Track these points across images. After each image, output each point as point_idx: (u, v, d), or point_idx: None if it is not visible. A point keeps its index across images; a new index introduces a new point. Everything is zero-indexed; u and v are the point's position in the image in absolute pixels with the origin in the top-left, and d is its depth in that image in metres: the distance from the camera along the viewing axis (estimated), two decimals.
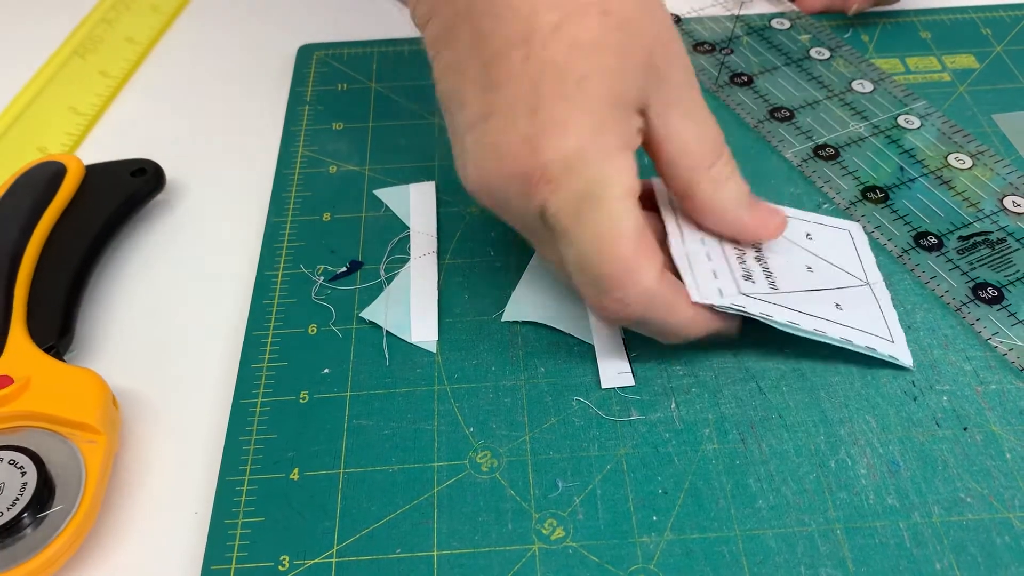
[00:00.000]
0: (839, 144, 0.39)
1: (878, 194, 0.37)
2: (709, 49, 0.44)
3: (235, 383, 0.32)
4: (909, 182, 0.37)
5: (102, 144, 0.43)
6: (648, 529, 0.28)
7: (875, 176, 0.37)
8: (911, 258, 0.34)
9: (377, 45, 0.46)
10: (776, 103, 0.41)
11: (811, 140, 0.39)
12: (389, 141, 0.41)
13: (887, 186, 0.37)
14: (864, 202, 0.37)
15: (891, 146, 0.38)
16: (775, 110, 0.41)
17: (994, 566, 0.27)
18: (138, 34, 0.49)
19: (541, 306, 0.34)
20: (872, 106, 0.41)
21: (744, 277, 0.31)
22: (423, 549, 0.28)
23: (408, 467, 0.30)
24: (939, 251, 0.35)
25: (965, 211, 0.36)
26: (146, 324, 0.35)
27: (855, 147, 0.39)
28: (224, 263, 0.37)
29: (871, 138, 0.39)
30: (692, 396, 0.31)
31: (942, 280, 0.34)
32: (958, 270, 0.34)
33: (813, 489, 0.29)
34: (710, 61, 0.44)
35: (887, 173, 0.37)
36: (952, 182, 0.37)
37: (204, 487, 0.30)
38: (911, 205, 0.36)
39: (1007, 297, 0.33)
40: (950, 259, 0.34)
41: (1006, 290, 0.33)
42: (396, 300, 0.34)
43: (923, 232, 0.35)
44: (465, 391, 0.32)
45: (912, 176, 0.37)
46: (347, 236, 0.37)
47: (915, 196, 0.37)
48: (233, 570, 0.28)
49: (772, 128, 0.40)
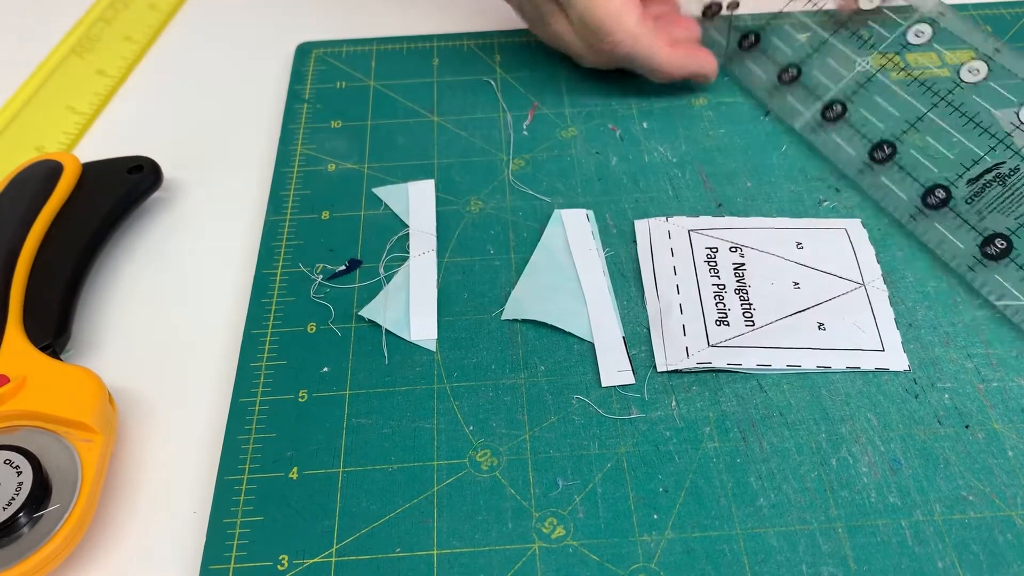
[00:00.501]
0: (847, 96, 0.38)
1: (885, 151, 0.36)
2: (716, 11, 0.44)
3: (233, 382, 0.32)
4: (918, 121, 0.36)
5: (100, 143, 0.43)
6: (649, 528, 0.28)
7: (882, 127, 0.36)
8: (919, 223, 0.34)
9: (376, 43, 0.46)
10: (784, 62, 0.41)
11: (819, 99, 0.38)
12: (388, 139, 0.41)
13: (894, 138, 0.36)
14: (871, 167, 0.36)
15: (900, 81, 0.37)
16: (783, 71, 0.40)
17: (996, 564, 0.27)
18: (136, 32, 0.49)
19: (541, 304, 0.34)
20: (876, 37, 0.39)
21: (718, 322, 0.32)
22: (423, 548, 0.28)
23: (408, 466, 0.30)
24: (947, 206, 0.34)
25: (976, 141, 0.34)
26: (143, 322, 0.35)
27: (863, 93, 0.38)
28: (222, 261, 0.37)
29: (879, 75, 0.37)
30: (693, 394, 0.31)
31: (949, 245, 0.33)
32: (966, 226, 0.33)
33: (814, 487, 0.28)
34: (720, 28, 0.43)
35: (895, 118, 0.36)
36: (964, 105, 0.35)
37: (203, 486, 0.30)
38: (917, 155, 0.35)
39: (1015, 246, 0.32)
40: (959, 214, 0.34)
41: (1015, 236, 0.32)
42: (395, 298, 0.34)
43: (931, 187, 0.34)
44: (465, 389, 0.32)
45: (921, 112, 0.36)
46: (346, 234, 0.37)
47: (923, 140, 0.35)
48: (232, 570, 0.27)
49: (780, 96, 0.40)
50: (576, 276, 0.35)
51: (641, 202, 0.37)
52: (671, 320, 0.33)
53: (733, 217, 0.36)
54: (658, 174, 0.38)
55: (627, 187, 0.38)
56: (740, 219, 0.36)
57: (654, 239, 0.36)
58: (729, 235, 0.35)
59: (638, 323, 0.33)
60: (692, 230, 0.36)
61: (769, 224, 0.36)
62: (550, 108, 0.42)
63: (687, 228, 0.36)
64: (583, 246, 0.36)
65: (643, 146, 0.40)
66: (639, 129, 0.40)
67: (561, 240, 0.36)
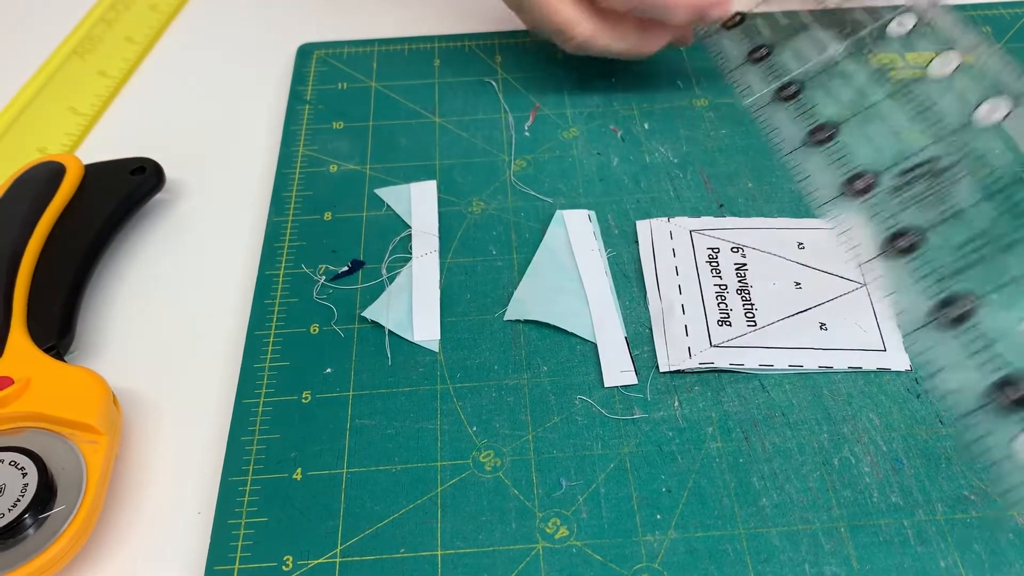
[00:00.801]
0: (807, 77, 0.36)
1: (826, 131, 0.34)
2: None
3: (237, 383, 0.32)
4: (868, 109, 0.34)
5: (102, 144, 0.43)
6: (652, 528, 0.28)
7: (831, 111, 0.35)
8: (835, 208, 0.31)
9: (377, 44, 0.46)
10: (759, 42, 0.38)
11: (778, 79, 0.36)
12: (390, 140, 0.41)
13: (839, 121, 0.34)
14: (807, 145, 0.34)
15: (864, 69, 0.35)
16: (754, 50, 0.39)
17: (998, 563, 0.27)
18: (137, 34, 0.49)
19: (544, 305, 0.34)
20: (855, 24, 0.37)
21: (720, 322, 0.32)
22: (427, 549, 0.28)
23: (411, 467, 0.30)
24: (868, 195, 0.31)
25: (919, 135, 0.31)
26: (147, 324, 0.35)
27: (823, 77, 0.36)
28: (225, 262, 0.37)
29: (846, 61, 0.36)
30: (695, 394, 0.31)
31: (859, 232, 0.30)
32: (880, 217, 0.30)
33: (817, 487, 0.29)
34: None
35: (844, 103, 0.35)
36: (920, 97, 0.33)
37: (207, 488, 0.30)
38: (855, 141, 0.33)
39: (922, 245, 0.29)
40: (877, 204, 0.30)
41: (927, 234, 0.29)
42: (398, 299, 0.34)
43: (856, 174, 0.31)
44: (468, 390, 0.32)
45: (872, 102, 0.33)
46: (348, 235, 0.37)
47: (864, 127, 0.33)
48: (236, 570, 0.27)
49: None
50: (578, 277, 0.35)
51: (643, 203, 0.37)
52: (673, 320, 0.33)
53: (735, 217, 0.36)
54: (659, 175, 0.38)
55: (628, 188, 0.38)
56: (742, 219, 0.36)
57: (656, 239, 0.36)
58: (731, 235, 0.35)
59: (640, 323, 0.33)
60: (694, 230, 0.36)
61: (771, 224, 0.36)
62: (551, 109, 0.42)
63: (689, 229, 0.36)
64: (585, 247, 0.36)
65: (644, 147, 0.40)
66: (640, 130, 0.41)
67: (563, 241, 0.36)
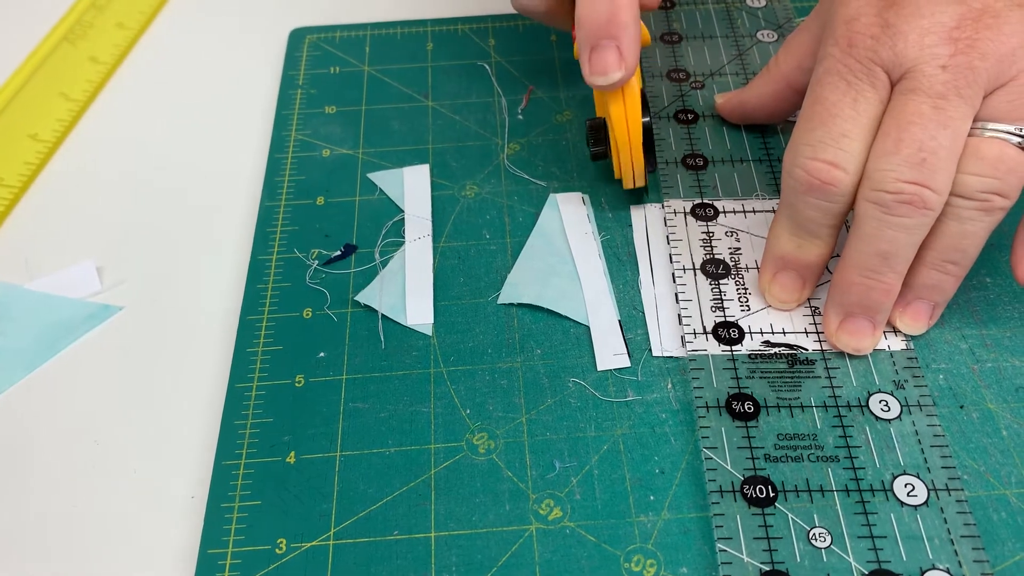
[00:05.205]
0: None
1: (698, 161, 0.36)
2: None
3: (230, 367, 0.32)
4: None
5: (93, 131, 0.43)
6: (645, 508, 0.28)
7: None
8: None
9: (369, 28, 0.46)
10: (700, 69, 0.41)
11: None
12: (382, 124, 0.41)
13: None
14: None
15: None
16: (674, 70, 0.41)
17: (991, 542, 0.27)
18: (128, 20, 0.49)
19: (537, 288, 0.34)
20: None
21: (713, 307, 0.32)
22: (420, 531, 0.28)
23: (405, 449, 0.30)
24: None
25: None
26: (140, 309, 0.35)
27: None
28: (217, 247, 0.37)
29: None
30: (688, 376, 0.31)
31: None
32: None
33: (810, 465, 0.29)
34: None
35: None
36: None
37: (200, 471, 0.30)
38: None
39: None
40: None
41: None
42: (391, 283, 0.34)
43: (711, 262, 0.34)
44: (461, 373, 0.32)
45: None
46: (341, 220, 0.37)
47: None
48: (230, 554, 0.27)
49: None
50: (572, 260, 0.35)
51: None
52: (666, 305, 0.33)
53: (729, 201, 0.36)
54: None
55: None
56: (736, 203, 0.36)
57: (650, 224, 0.36)
58: (725, 220, 0.35)
59: (633, 306, 0.33)
60: (688, 215, 0.36)
61: (765, 207, 0.36)
62: (545, 92, 0.42)
63: (683, 213, 0.36)
64: (579, 230, 0.36)
65: None
66: None
67: (557, 224, 0.36)
